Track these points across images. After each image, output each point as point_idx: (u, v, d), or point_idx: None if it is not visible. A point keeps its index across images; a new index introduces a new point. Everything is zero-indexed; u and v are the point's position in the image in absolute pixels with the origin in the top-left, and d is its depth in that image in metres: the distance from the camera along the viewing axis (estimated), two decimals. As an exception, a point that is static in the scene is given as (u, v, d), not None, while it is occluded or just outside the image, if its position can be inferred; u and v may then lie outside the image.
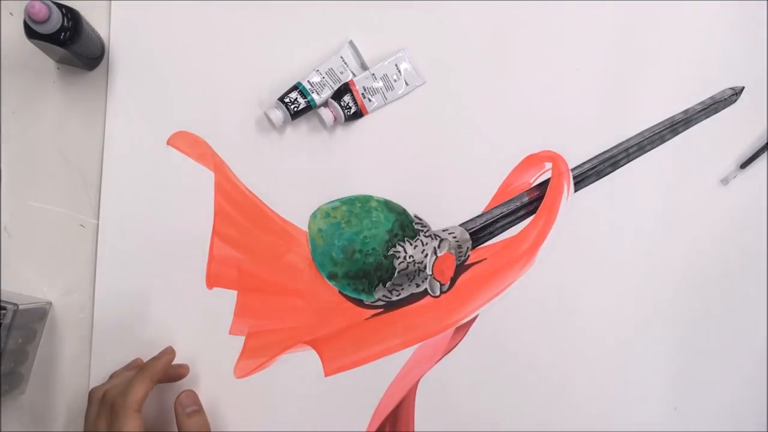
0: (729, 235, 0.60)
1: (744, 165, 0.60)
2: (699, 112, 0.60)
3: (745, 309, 0.59)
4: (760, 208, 0.61)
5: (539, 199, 0.58)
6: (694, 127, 0.61)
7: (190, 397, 0.50)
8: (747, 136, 0.61)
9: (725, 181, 0.60)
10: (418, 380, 0.55)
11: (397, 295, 0.55)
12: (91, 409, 0.47)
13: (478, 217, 0.57)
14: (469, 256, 0.57)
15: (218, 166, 0.55)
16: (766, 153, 0.61)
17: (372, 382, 0.54)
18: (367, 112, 0.56)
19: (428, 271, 0.56)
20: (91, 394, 0.48)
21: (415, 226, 0.56)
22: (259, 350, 0.54)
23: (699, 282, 0.59)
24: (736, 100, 0.61)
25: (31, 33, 0.46)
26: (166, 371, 0.50)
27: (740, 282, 0.59)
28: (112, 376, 0.50)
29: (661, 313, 0.58)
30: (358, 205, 0.56)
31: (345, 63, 0.56)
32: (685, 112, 0.60)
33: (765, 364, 0.59)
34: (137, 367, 0.49)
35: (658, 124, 0.60)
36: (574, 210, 0.58)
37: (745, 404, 0.59)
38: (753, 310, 0.60)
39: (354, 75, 0.56)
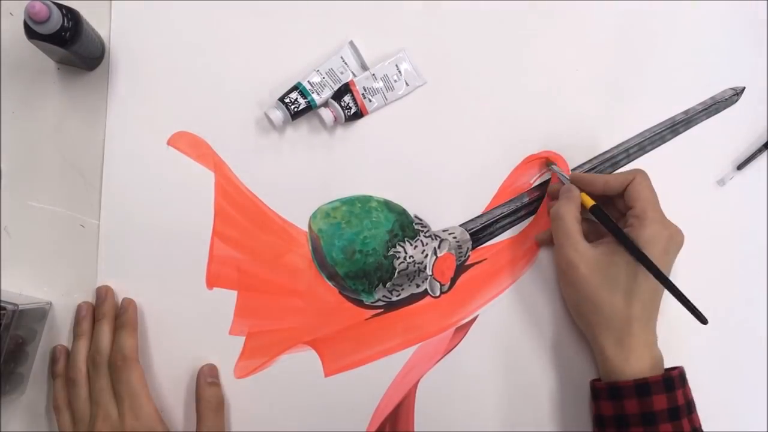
0: (728, 236, 0.60)
1: (740, 166, 0.60)
2: (700, 112, 0.60)
3: (743, 309, 0.59)
4: (757, 209, 0.60)
5: (539, 199, 0.58)
6: (695, 127, 0.61)
7: (213, 370, 0.52)
8: (748, 136, 0.61)
9: (722, 182, 0.60)
10: (418, 380, 0.55)
11: (397, 296, 0.55)
12: (82, 386, 0.50)
13: (478, 217, 0.57)
14: (469, 256, 0.57)
15: (218, 166, 0.55)
16: (763, 154, 0.61)
17: (372, 382, 0.54)
18: (367, 113, 0.56)
19: (428, 272, 0.56)
20: (77, 374, 0.50)
21: (415, 227, 0.56)
22: (259, 350, 0.54)
23: (698, 281, 0.58)
24: (737, 101, 0.61)
25: (31, 33, 0.46)
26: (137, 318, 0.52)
27: (739, 281, 0.59)
28: (76, 349, 0.51)
29: (660, 312, 0.58)
30: (358, 206, 0.56)
31: (345, 63, 0.56)
32: (686, 112, 0.60)
33: (765, 364, 0.59)
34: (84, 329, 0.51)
35: (658, 125, 0.60)
36: (574, 210, 0.58)
37: (745, 404, 0.58)
38: (751, 309, 0.59)
39: (354, 75, 0.56)
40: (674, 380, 0.48)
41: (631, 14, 0.61)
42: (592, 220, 0.54)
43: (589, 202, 0.52)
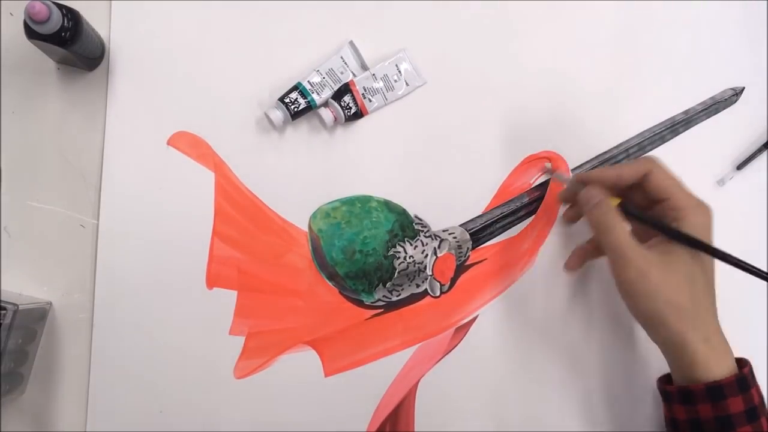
0: (728, 237, 0.60)
1: (740, 166, 0.60)
2: (699, 112, 0.60)
3: (743, 309, 0.59)
4: (757, 209, 0.61)
5: (539, 199, 0.58)
6: (695, 127, 0.61)
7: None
8: (748, 136, 0.61)
9: (722, 182, 0.60)
10: (418, 380, 0.55)
11: (397, 296, 0.55)
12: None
13: (478, 217, 0.57)
14: (469, 256, 0.57)
15: (218, 166, 0.55)
16: (763, 154, 0.61)
17: (372, 382, 0.54)
18: (367, 113, 0.56)
19: (428, 272, 0.56)
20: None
21: (416, 227, 0.56)
22: (259, 350, 0.54)
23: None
24: (736, 101, 0.61)
25: (31, 33, 0.46)
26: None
27: (739, 281, 0.59)
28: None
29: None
30: (358, 206, 0.56)
31: (345, 63, 0.56)
32: (686, 112, 0.60)
33: (765, 364, 0.59)
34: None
35: (658, 125, 0.60)
36: (574, 210, 0.58)
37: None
38: (751, 309, 0.60)
39: (354, 75, 0.56)
40: (747, 378, 0.45)
41: (631, 14, 0.61)
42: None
43: (614, 200, 0.49)
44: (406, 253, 0.56)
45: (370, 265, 0.55)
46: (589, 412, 0.56)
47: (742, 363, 0.47)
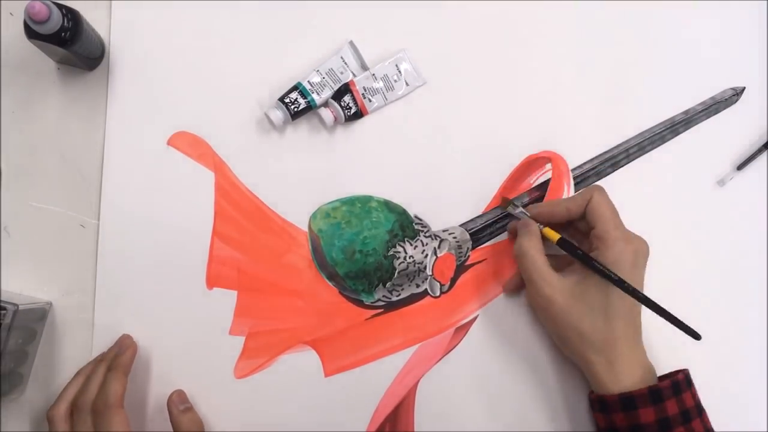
0: (728, 237, 0.60)
1: (740, 167, 0.60)
2: (700, 112, 0.60)
3: (743, 309, 0.59)
4: (757, 209, 0.60)
5: (539, 199, 0.58)
6: (695, 127, 0.61)
7: (182, 396, 0.51)
8: (748, 136, 0.61)
9: (722, 182, 0.60)
10: (418, 380, 0.55)
11: (397, 296, 0.55)
12: (59, 426, 0.47)
13: (478, 217, 0.57)
14: (469, 256, 0.57)
15: (218, 166, 0.55)
16: (763, 154, 0.61)
17: (372, 382, 0.54)
18: (367, 112, 0.56)
19: (428, 272, 0.56)
20: (54, 414, 0.47)
21: (416, 227, 0.56)
22: (259, 350, 0.54)
23: (698, 281, 0.58)
24: (736, 101, 0.61)
25: (31, 33, 0.46)
26: (132, 362, 0.51)
27: (739, 281, 0.59)
28: (67, 388, 0.48)
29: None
30: (358, 206, 0.56)
31: (345, 63, 0.56)
32: (686, 112, 0.60)
33: (765, 364, 0.59)
34: (92, 371, 0.49)
35: (658, 125, 0.60)
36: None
37: (745, 404, 0.58)
38: (751, 309, 0.59)
39: (354, 75, 0.56)
40: (662, 392, 0.47)
41: (631, 14, 0.61)
42: (554, 252, 0.52)
43: (555, 236, 0.51)
44: (406, 253, 0.56)
45: (370, 265, 0.55)
46: (588, 413, 0.56)
47: (664, 378, 0.49)
